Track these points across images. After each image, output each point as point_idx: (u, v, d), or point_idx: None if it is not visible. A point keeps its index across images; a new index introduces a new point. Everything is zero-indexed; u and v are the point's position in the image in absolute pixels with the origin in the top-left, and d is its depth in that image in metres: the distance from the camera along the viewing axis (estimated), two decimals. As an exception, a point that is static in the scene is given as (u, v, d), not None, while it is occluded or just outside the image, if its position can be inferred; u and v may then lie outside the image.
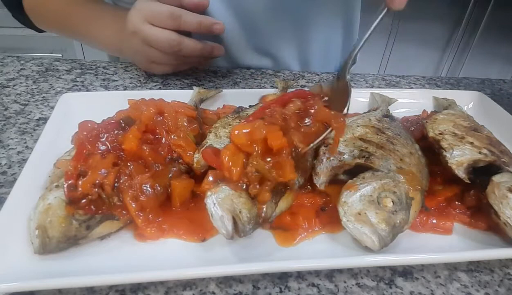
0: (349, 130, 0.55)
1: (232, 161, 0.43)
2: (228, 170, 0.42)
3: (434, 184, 0.52)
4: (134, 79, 0.79)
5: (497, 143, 0.55)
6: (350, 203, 0.45)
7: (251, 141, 0.44)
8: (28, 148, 0.58)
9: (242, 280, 0.42)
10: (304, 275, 0.43)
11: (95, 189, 0.43)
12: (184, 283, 0.41)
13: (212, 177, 0.45)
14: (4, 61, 0.83)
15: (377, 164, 0.49)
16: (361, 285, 0.42)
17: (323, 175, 0.50)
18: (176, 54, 0.73)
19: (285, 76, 0.85)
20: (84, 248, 0.43)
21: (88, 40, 0.88)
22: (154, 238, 0.44)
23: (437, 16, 2.18)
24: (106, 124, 0.50)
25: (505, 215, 0.45)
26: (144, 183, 0.44)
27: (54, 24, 0.88)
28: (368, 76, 0.88)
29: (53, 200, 0.42)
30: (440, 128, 0.56)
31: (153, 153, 0.48)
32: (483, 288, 0.43)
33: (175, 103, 0.57)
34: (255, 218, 0.42)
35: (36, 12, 0.86)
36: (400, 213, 0.44)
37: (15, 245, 0.41)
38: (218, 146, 0.50)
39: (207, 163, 0.47)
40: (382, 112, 0.62)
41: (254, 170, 0.43)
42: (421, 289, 0.42)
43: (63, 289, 0.39)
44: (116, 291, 0.40)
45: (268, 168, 0.43)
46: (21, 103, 0.69)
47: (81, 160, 0.45)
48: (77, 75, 0.80)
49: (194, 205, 0.48)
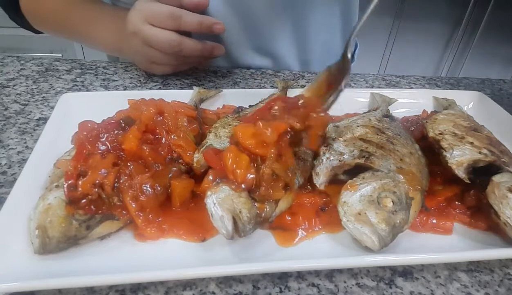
0: (349, 130, 0.55)
1: (235, 163, 0.43)
2: (233, 173, 0.43)
3: (434, 184, 0.52)
4: (134, 79, 0.79)
5: (497, 143, 0.55)
6: (350, 203, 0.45)
7: (257, 142, 0.45)
8: (28, 148, 0.58)
9: (242, 280, 0.42)
10: (304, 275, 0.43)
11: (95, 189, 0.43)
12: (184, 283, 0.41)
13: (212, 176, 0.46)
14: (4, 61, 0.83)
15: (377, 164, 0.49)
16: (361, 285, 0.42)
17: (323, 175, 0.50)
18: (177, 54, 0.73)
19: (285, 76, 0.85)
20: (84, 248, 0.43)
21: (87, 41, 0.88)
22: (154, 238, 0.44)
23: (437, 16, 2.18)
24: (106, 124, 0.50)
25: (505, 215, 0.45)
26: (144, 183, 0.44)
27: (52, 25, 0.88)
28: (368, 76, 0.88)
29: (53, 200, 0.42)
30: (440, 128, 0.56)
31: (153, 153, 0.48)
32: (483, 288, 0.43)
33: (175, 103, 0.57)
34: (255, 218, 0.42)
35: (34, 13, 0.86)
36: (400, 213, 0.44)
37: (15, 245, 0.41)
38: (218, 146, 0.50)
39: (209, 165, 0.47)
40: (382, 112, 0.62)
41: (269, 171, 0.44)
42: (421, 289, 0.42)
43: (63, 289, 0.39)
44: (116, 291, 0.40)
45: (281, 167, 0.44)
46: (21, 103, 0.69)
47: (81, 160, 0.45)
48: (77, 75, 0.80)
49: (194, 205, 0.48)
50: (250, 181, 0.43)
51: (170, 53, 0.72)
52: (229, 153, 0.44)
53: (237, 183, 0.43)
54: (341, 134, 0.54)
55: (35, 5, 0.84)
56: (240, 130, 0.46)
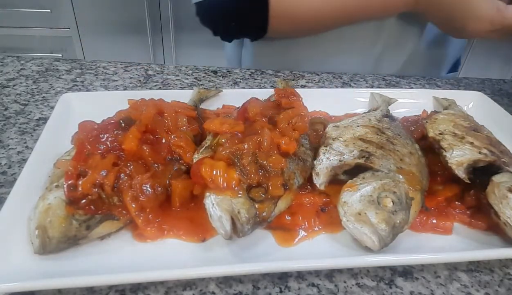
0: (349, 130, 0.55)
1: (213, 172, 0.43)
2: (213, 183, 0.43)
3: (434, 184, 0.52)
4: (134, 79, 0.79)
5: (497, 143, 0.55)
6: (350, 203, 0.45)
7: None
8: (28, 148, 0.58)
9: (242, 280, 0.42)
10: (304, 275, 0.43)
11: (95, 189, 0.43)
12: (184, 283, 0.41)
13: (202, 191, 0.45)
14: (4, 61, 0.83)
15: (377, 164, 0.49)
16: (361, 285, 0.42)
17: (323, 175, 0.50)
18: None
19: (285, 76, 0.85)
20: (84, 248, 0.43)
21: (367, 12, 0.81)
22: (154, 238, 0.44)
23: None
24: (106, 124, 0.50)
25: (505, 215, 0.45)
26: (144, 183, 0.44)
27: (309, 21, 0.82)
28: (368, 76, 0.88)
29: (53, 200, 0.42)
30: (440, 128, 0.56)
31: (153, 153, 0.48)
32: (483, 288, 0.43)
33: (175, 103, 0.57)
34: (254, 218, 0.42)
35: (289, 13, 0.79)
36: (400, 213, 0.44)
37: (15, 245, 0.41)
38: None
39: (196, 183, 0.46)
40: (382, 112, 0.62)
41: (247, 161, 0.44)
42: (421, 289, 0.42)
43: (63, 289, 0.39)
44: (116, 291, 0.40)
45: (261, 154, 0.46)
46: (21, 103, 0.69)
47: (81, 160, 0.45)
48: (77, 75, 0.80)
49: (194, 205, 0.48)
50: (237, 180, 0.43)
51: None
52: (204, 166, 0.44)
53: (224, 188, 0.43)
54: (341, 134, 0.54)
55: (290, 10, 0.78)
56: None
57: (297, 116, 0.53)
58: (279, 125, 0.51)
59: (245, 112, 0.53)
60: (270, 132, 0.49)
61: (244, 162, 0.45)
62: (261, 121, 0.52)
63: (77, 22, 2.07)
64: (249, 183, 0.44)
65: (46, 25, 2.10)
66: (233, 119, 0.53)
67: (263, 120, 0.52)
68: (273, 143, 0.48)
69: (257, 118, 0.52)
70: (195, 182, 0.45)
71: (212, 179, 0.43)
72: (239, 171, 0.44)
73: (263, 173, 0.45)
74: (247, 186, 0.44)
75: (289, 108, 0.55)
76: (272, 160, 0.46)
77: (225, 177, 0.43)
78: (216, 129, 0.50)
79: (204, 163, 0.44)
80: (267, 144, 0.47)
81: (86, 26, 2.09)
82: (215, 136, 0.51)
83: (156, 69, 0.84)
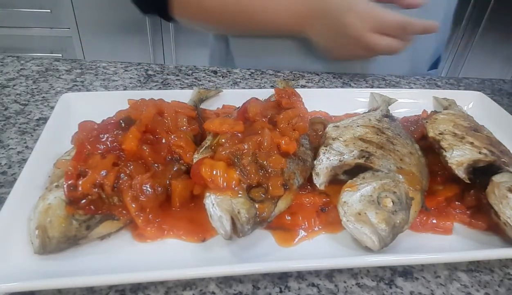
0: (349, 130, 0.55)
1: (214, 172, 0.43)
2: (213, 183, 0.43)
3: (434, 184, 0.52)
4: (134, 79, 0.79)
5: (497, 143, 0.55)
6: (350, 203, 0.45)
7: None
8: (28, 148, 0.58)
9: (242, 280, 0.42)
10: (304, 275, 0.43)
11: (95, 189, 0.43)
12: (184, 283, 0.41)
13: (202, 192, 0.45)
14: (4, 61, 0.83)
15: (377, 164, 0.49)
16: (361, 285, 0.42)
17: (323, 175, 0.50)
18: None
19: (285, 76, 0.86)
20: (84, 248, 0.43)
21: (258, 17, 0.82)
22: (154, 238, 0.44)
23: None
24: (106, 124, 0.50)
25: (505, 215, 0.45)
26: (144, 183, 0.44)
27: (209, 11, 0.83)
28: (368, 76, 0.88)
29: (53, 200, 0.42)
30: (440, 128, 0.56)
31: (153, 153, 0.48)
32: (483, 288, 0.43)
33: (175, 103, 0.57)
34: (254, 218, 0.42)
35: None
36: (400, 213, 0.44)
37: (15, 245, 0.41)
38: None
39: (196, 183, 0.46)
40: (382, 112, 0.62)
41: (247, 161, 0.44)
42: (421, 289, 0.42)
43: (63, 289, 0.39)
44: (116, 291, 0.40)
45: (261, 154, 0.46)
46: (21, 103, 0.69)
47: (81, 160, 0.45)
48: (77, 75, 0.80)
49: (194, 205, 0.48)
50: (237, 180, 0.43)
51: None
52: (204, 166, 0.44)
53: (224, 188, 0.43)
54: (341, 134, 0.54)
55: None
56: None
57: (297, 116, 0.53)
58: (279, 125, 0.51)
59: (245, 112, 0.53)
60: (270, 132, 0.49)
61: (244, 162, 0.45)
62: (261, 121, 0.52)
63: (77, 22, 2.07)
64: (249, 183, 0.44)
65: (46, 25, 2.10)
66: (233, 119, 0.53)
67: (263, 121, 0.52)
68: (273, 144, 0.48)
69: (257, 118, 0.52)
70: (195, 182, 0.45)
71: (212, 179, 0.43)
72: (239, 171, 0.44)
73: (263, 173, 0.45)
74: (247, 186, 0.44)
75: (289, 108, 0.55)
76: (272, 160, 0.46)
77: (225, 177, 0.43)
78: (216, 129, 0.50)
79: (204, 163, 0.44)
80: (267, 144, 0.47)
81: (86, 26, 2.10)
82: (215, 137, 0.51)
83: (156, 69, 0.84)
